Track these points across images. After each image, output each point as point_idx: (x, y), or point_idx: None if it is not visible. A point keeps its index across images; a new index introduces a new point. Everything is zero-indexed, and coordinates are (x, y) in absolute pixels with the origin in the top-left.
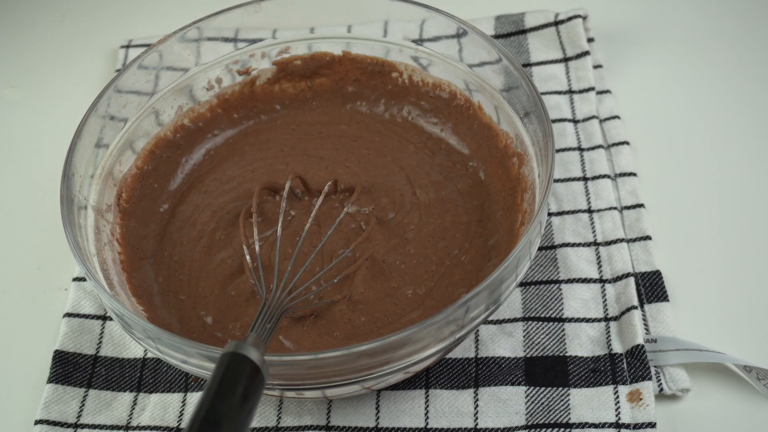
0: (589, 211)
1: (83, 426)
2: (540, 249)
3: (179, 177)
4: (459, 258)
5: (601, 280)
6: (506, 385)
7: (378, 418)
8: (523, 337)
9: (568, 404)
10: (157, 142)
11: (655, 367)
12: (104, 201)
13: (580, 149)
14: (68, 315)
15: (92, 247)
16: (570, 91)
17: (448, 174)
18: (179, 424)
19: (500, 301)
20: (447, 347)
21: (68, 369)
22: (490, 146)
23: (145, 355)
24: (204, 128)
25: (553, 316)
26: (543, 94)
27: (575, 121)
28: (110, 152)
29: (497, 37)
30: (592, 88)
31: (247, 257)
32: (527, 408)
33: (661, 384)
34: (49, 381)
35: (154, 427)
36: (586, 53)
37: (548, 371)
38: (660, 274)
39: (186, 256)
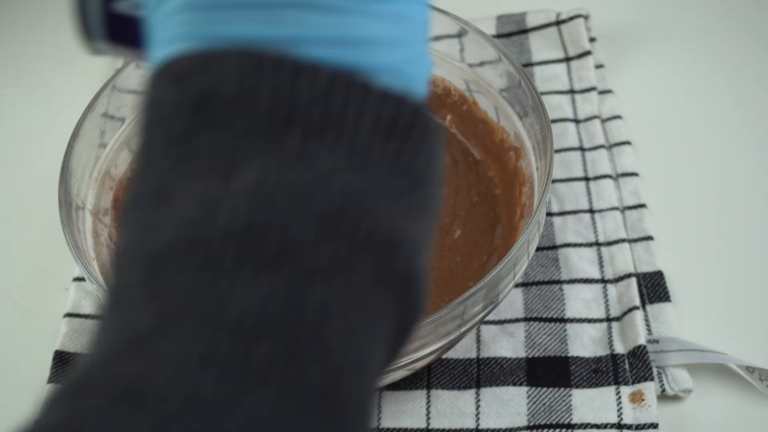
0: (591, 211)
1: None
2: (541, 249)
3: None
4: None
5: (603, 281)
6: (508, 385)
7: (379, 418)
8: (525, 337)
9: (570, 405)
10: None
11: (657, 367)
12: (101, 204)
13: (582, 149)
14: (69, 315)
15: (91, 251)
16: (571, 91)
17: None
18: None
19: (498, 300)
20: (446, 345)
21: (69, 369)
22: (486, 141)
23: None
24: None
25: (554, 316)
26: (544, 93)
27: (577, 121)
28: (107, 154)
29: (499, 36)
30: (594, 88)
31: None
32: (529, 408)
33: (663, 385)
34: (50, 381)
35: None
36: (587, 53)
37: (550, 372)
38: (662, 274)
39: None
